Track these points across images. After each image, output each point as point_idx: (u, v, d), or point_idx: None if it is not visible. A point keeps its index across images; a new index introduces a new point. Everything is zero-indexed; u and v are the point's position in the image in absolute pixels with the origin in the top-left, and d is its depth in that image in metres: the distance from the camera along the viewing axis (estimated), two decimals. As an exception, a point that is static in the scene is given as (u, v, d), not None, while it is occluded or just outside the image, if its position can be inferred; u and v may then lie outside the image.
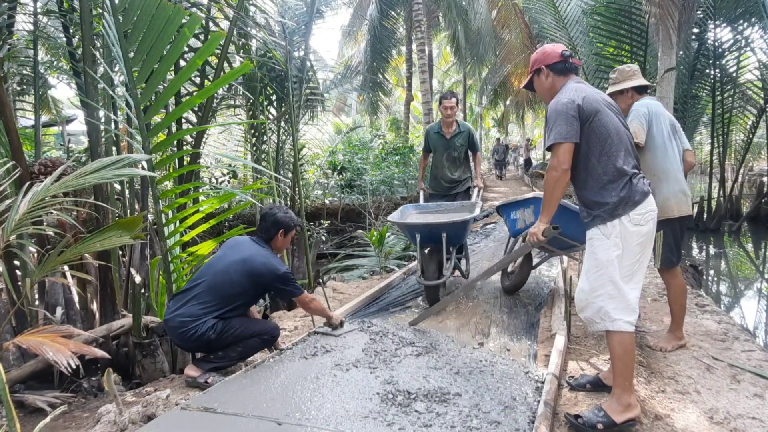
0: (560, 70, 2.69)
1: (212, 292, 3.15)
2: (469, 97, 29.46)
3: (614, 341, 2.43)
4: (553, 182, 2.48)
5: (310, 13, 7.81)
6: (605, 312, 2.42)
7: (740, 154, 12.56)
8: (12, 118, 3.68)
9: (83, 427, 2.86)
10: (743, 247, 11.69)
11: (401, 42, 19.93)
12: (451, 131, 5.41)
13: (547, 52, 2.73)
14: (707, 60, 11.71)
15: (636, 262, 2.45)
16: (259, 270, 3.24)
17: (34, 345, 2.29)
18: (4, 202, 2.83)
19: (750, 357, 3.39)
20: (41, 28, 5.66)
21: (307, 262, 6.83)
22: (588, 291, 2.49)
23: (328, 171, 14.38)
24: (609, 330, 2.43)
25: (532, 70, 2.80)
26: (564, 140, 2.42)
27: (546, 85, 2.74)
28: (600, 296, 2.44)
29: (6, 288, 3.64)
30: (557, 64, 2.69)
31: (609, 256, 2.42)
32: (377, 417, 2.48)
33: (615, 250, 2.41)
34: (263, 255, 3.32)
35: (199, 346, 3.18)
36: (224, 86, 6.61)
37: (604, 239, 2.44)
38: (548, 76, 2.72)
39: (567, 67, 2.69)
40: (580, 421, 2.42)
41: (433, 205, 5.27)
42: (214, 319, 3.09)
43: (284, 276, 3.30)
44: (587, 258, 2.56)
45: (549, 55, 2.71)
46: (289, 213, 3.53)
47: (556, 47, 2.72)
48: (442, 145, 5.47)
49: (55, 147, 12.48)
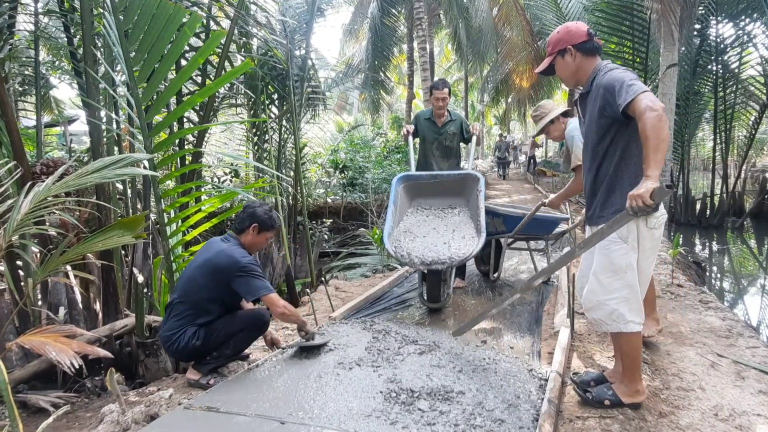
0: (588, 50, 2.50)
1: (185, 301, 3.06)
2: (470, 94, 29.44)
3: (623, 341, 2.47)
4: (657, 121, 2.07)
5: (311, 12, 7.81)
6: (619, 314, 2.42)
7: (743, 150, 12.52)
8: (14, 119, 3.68)
9: (86, 426, 2.86)
10: (746, 243, 11.66)
11: (402, 40, 19.88)
12: (442, 120, 5.07)
13: (572, 30, 2.53)
14: (709, 56, 11.67)
15: (649, 265, 2.47)
16: (220, 263, 3.02)
17: (37, 345, 2.30)
18: (6, 202, 2.82)
19: (755, 353, 3.37)
20: (42, 28, 5.66)
21: (310, 260, 6.83)
22: (600, 293, 2.46)
23: (330, 169, 14.40)
24: (621, 332, 2.44)
25: (555, 51, 2.58)
26: (648, 90, 2.17)
27: (572, 67, 2.55)
28: (614, 299, 2.42)
29: (9, 288, 3.64)
30: (585, 43, 2.50)
31: (628, 261, 2.39)
32: (380, 416, 2.48)
33: (633, 254, 2.39)
34: (225, 249, 3.09)
35: (190, 355, 3.13)
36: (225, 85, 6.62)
37: (622, 243, 2.38)
38: (575, 57, 2.52)
39: (594, 47, 2.51)
40: (589, 395, 2.54)
41: (427, 175, 4.77)
42: (194, 327, 3.02)
43: (246, 267, 3.01)
44: (600, 260, 2.48)
45: (575, 35, 2.51)
46: (271, 213, 3.29)
47: (580, 25, 2.54)
48: (433, 133, 5.08)
49: (57, 147, 12.50)
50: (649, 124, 2.09)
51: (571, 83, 2.65)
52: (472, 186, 4.58)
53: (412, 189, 4.76)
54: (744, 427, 2.48)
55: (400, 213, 4.57)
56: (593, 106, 2.47)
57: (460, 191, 4.68)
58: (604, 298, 2.44)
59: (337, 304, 4.60)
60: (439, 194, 4.73)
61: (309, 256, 6.86)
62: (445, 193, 4.72)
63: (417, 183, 4.74)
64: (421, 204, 4.77)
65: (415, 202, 4.78)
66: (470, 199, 4.59)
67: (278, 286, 6.80)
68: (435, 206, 4.73)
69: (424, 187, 4.75)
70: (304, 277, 7.54)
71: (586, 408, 2.59)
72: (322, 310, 4.61)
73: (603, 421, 2.46)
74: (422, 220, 4.57)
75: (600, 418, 2.48)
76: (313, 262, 6.96)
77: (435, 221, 4.54)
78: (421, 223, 4.51)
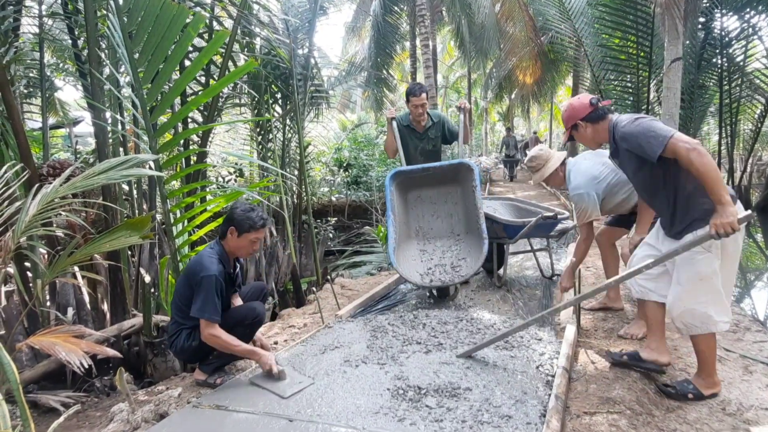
0: (595, 118, 2.78)
1: (174, 307, 3.14)
2: (474, 91, 29.34)
3: (702, 339, 2.66)
4: (700, 158, 2.29)
5: (314, 10, 7.81)
6: (708, 317, 2.58)
7: (749, 143, 12.43)
8: (20, 121, 3.71)
9: (96, 426, 2.88)
10: (752, 237, 11.60)
11: (405, 37, 19.82)
12: (422, 125, 4.78)
13: (576, 107, 2.83)
14: (714, 49, 11.58)
15: (733, 267, 2.65)
16: (189, 269, 3.02)
17: (46, 345, 2.32)
18: (14, 205, 2.85)
19: (762, 348, 3.36)
20: (47, 30, 5.69)
21: (315, 259, 6.84)
22: (688, 300, 2.60)
23: (334, 168, 14.40)
24: (711, 332, 2.63)
25: (569, 127, 2.90)
26: (673, 133, 2.40)
27: (588, 135, 2.85)
28: (703, 303, 2.57)
29: (18, 289, 3.67)
30: (590, 114, 2.78)
31: (713, 268, 2.54)
32: (388, 412, 2.48)
33: (716, 261, 2.54)
34: (202, 253, 3.03)
35: (190, 356, 3.16)
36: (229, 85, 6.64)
37: (706, 252, 2.52)
38: (587, 128, 2.82)
39: (601, 113, 2.78)
40: (672, 390, 2.73)
41: (418, 169, 4.56)
42: (188, 329, 3.05)
43: (200, 281, 2.87)
44: (686, 269, 2.61)
45: (580, 110, 2.81)
46: (252, 213, 3.05)
47: (582, 99, 2.82)
48: (415, 140, 4.82)
49: (63, 149, 12.56)
50: (696, 164, 2.30)
51: (594, 146, 2.97)
52: (466, 175, 4.53)
53: (405, 183, 4.69)
54: (752, 422, 2.48)
55: (399, 222, 4.55)
56: (629, 162, 2.73)
57: (455, 179, 4.64)
58: (693, 305, 2.59)
59: (343, 303, 4.61)
60: (434, 185, 4.69)
61: (314, 255, 6.87)
62: (439, 184, 4.67)
63: (409, 177, 4.63)
64: (416, 203, 4.78)
65: (411, 195, 4.76)
66: (466, 192, 4.57)
67: (284, 284, 6.82)
68: (431, 200, 4.74)
69: (417, 180, 4.67)
70: (309, 276, 7.55)
71: (594, 403, 2.60)
72: (329, 308, 4.62)
73: (610, 416, 2.46)
74: (423, 229, 4.71)
75: (607, 414, 2.48)
76: (319, 261, 6.97)
77: (436, 223, 4.70)
78: (423, 235, 4.68)
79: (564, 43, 14.46)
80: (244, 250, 3.13)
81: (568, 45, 13.76)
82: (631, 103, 11.40)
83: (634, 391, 2.71)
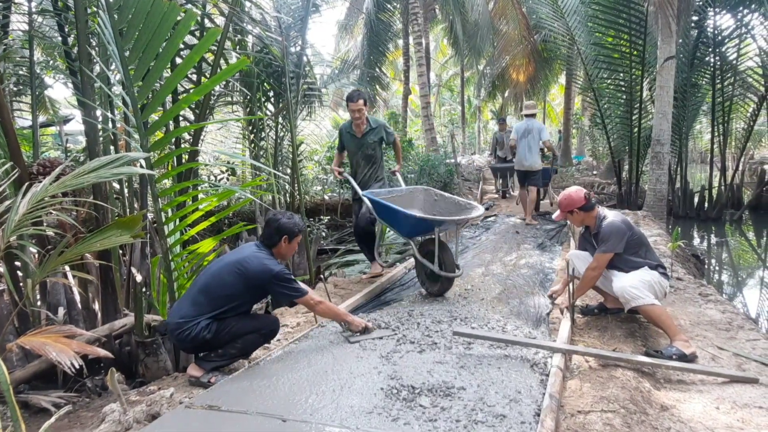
0: (587, 208, 3.73)
1: (205, 293, 3.12)
2: (467, 89, 29.36)
3: (649, 310, 3.34)
4: (590, 273, 3.65)
5: (306, 8, 7.75)
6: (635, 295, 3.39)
7: (741, 142, 12.50)
8: (9, 119, 3.66)
9: (88, 426, 2.85)
10: (745, 235, 11.68)
11: (398, 35, 19.82)
12: (362, 130, 5.25)
13: (573, 198, 3.72)
14: (707, 48, 11.65)
15: None
16: (251, 267, 3.15)
17: (37, 345, 2.29)
18: (3, 203, 2.81)
19: (755, 346, 3.38)
20: (36, 27, 5.63)
21: (308, 258, 6.82)
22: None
23: (327, 166, 14.34)
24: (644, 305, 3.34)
25: (565, 211, 3.78)
26: (606, 252, 3.58)
27: (579, 219, 3.82)
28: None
29: (8, 289, 3.63)
30: (585, 205, 3.71)
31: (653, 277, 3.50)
32: (382, 412, 2.47)
33: None
34: (258, 256, 3.22)
35: (197, 347, 3.15)
36: (221, 83, 6.60)
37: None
38: (580, 214, 3.76)
39: (591, 205, 3.73)
40: (659, 355, 3.13)
41: (384, 192, 4.88)
42: (207, 320, 3.05)
43: (279, 275, 3.17)
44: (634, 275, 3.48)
45: (576, 201, 3.71)
46: (294, 218, 3.39)
47: (579, 192, 3.72)
48: (355, 145, 5.34)
49: (53, 147, 12.46)
50: (585, 274, 3.68)
51: (581, 226, 3.99)
52: (424, 194, 4.99)
53: None
54: (746, 420, 2.49)
55: None
56: None
57: (413, 202, 4.94)
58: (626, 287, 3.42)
59: (336, 302, 4.58)
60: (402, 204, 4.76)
61: (307, 254, 6.84)
62: (405, 204, 4.75)
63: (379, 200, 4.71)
64: None
65: None
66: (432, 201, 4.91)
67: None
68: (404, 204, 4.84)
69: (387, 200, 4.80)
70: (302, 275, 7.52)
71: (588, 402, 2.60)
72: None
73: (605, 415, 2.46)
74: None
75: (602, 412, 2.48)
76: (312, 260, 6.95)
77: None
78: None
79: (557, 42, 14.51)
80: (290, 254, 3.46)
81: (561, 43, 13.80)
82: (624, 101, 11.45)
83: (628, 389, 2.71)
